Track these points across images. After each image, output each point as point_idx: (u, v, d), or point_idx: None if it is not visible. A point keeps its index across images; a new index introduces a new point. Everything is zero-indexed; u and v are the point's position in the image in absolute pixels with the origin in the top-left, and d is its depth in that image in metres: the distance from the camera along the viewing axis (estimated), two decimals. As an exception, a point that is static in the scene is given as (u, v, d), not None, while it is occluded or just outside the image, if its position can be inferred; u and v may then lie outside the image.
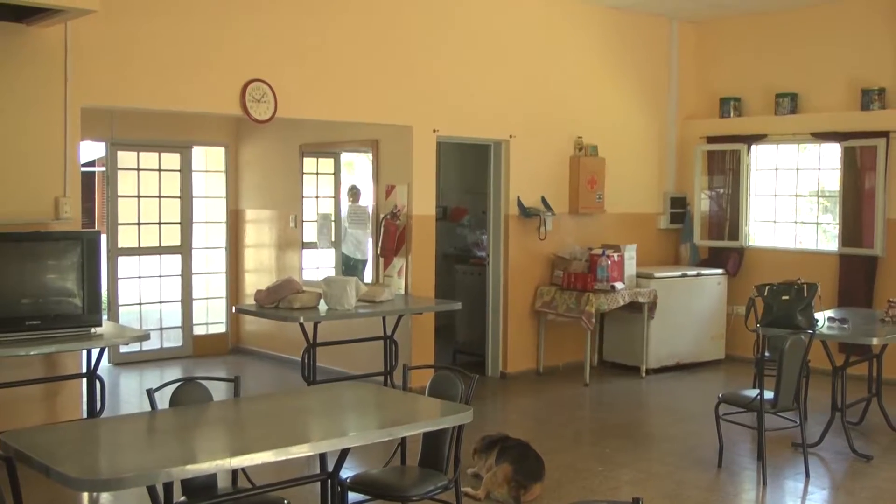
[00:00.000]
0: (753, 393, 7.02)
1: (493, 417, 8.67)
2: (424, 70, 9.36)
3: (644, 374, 10.39)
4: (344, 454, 4.86)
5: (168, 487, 4.14)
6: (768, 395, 6.90)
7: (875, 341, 7.54)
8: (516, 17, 10.11)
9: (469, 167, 11.87)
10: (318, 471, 5.01)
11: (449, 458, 5.07)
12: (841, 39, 10.73)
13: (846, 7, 10.65)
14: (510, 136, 10.07)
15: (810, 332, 7.10)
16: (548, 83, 10.40)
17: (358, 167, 10.79)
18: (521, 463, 6.29)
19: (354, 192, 10.47)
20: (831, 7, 10.76)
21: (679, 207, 11.72)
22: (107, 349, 8.49)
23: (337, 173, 10.79)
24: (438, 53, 9.47)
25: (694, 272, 11.03)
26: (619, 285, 10.04)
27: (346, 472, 5.28)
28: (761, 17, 11.31)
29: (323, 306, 8.16)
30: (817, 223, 11.26)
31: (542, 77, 10.36)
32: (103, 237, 8.89)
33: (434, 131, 9.46)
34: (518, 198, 10.12)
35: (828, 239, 11.05)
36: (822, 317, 7.94)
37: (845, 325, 7.79)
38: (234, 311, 10.38)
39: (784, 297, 7.50)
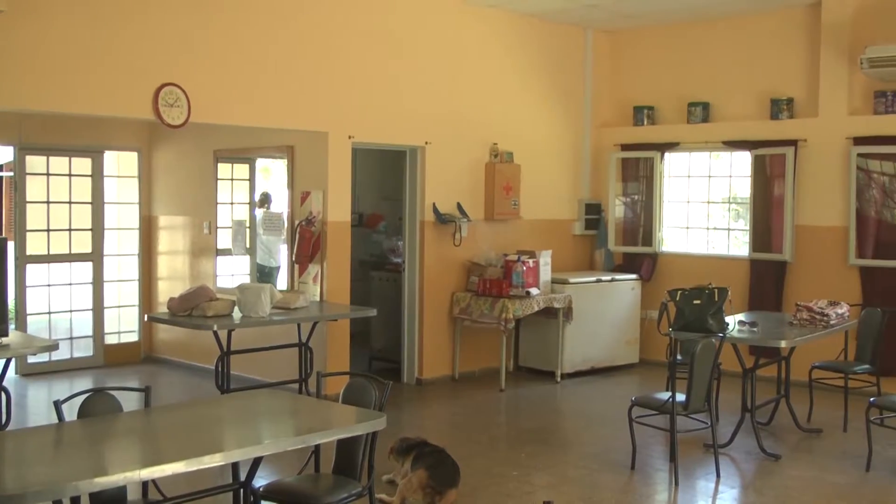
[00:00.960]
0: (666, 396, 7.11)
1: (409, 424, 8.65)
2: (340, 76, 9.31)
3: (559, 379, 10.48)
4: (256, 463, 4.81)
5: (76, 501, 4.05)
6: (680, 397, 7.00)
7: (784, 344, 7.71)
8: (433, 24, 10.14)
9: (385, 173, 11.86)
10: (231, 480, 4.95)
11: (363, 465, 5.05)
12: (751, 51, 10.97)
13: (757, 19, 10.89)
14: (426, 143, 10.08)
15: (721, 335, 7.22)
16: (464, 90, 10.44)
17: (275, 173, 10.70)
18: (437, 469, 6.28)
19: (265, 199, 10.36)
20: (743, 19, 10.99)
21: (594, 214, 11.85)
22: (13, 360, 8.29)
23: (252, 179, 10.68)
24: (355, 59, 9.43)
25: (608, 277, 11.16)
26: (534, 291, 10.11)
27: (260, 481, 5.23)
28: (674, 27, 11.51)
29: (237, 314, 8.07)
30: (729, 229, 11.48)
31: (459, 84, 10.40)
32: (11, 244, 8.68)
33: (349, 137, 9.42)
34: (434, 204, 10.14)
35: (739, 244, 11.27)
36: (733, 320, 8.10)
37: (755, 329, 7.94)
38: (146, 319, 10.21)
39: (695, 302, 7.61)
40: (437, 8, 10.18)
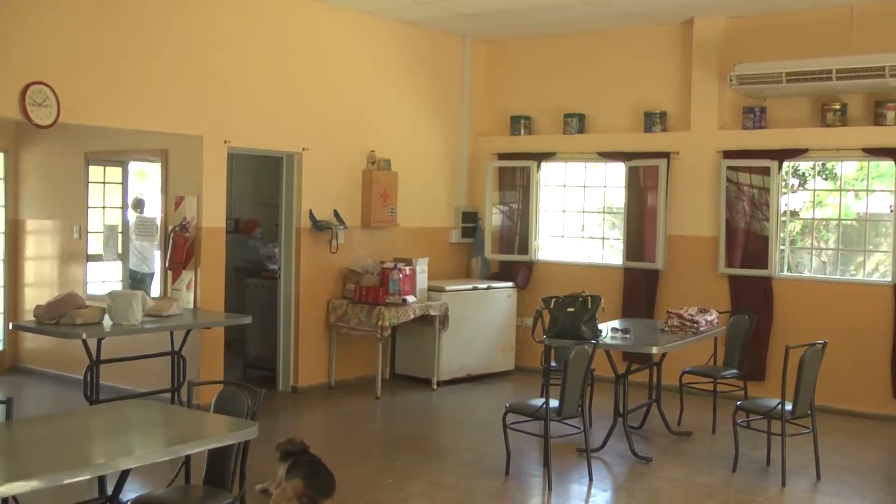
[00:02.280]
0: (539, 402, 7.19)
1: (284, 432, 8.46)
2: (216, 79, 9.17)
3: (435, 387, 10.51)
4: (124, 476, 4.68)
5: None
6: (554, 403, 7.08)
7: (655, 350, 7.88)
8: (310, 31, 10.06)
9: (262, 179, 11.72)
10: (97, 495, 4.81)
11: (234, 475, 4.96)
12: (626, 65, 11.21)
13: (632, 35, 11.14)
14: (303, 149, 10.00)
15: (594, 342, 7.34)
16: (341, 96, 10.39)
17: (151, 176, 10.46)
18: (313, 478, 6.21)
19: (138, 203, 10.12)
20: (618, 34, 11.22)
21: (470, 222, 11.92)
22: None
23: (125, 183, 10.42)
24: (232, 64, 9.30)
25: (484, 285, 11.24)
26: (410, 298, 10.12)
27: (129, 495, 5.10)
28: (552, 39, 11.68)
29: (107, 322, 7.85)
30: (603, 238, 11.69)
31: (336, 90, 10.34)
32: None
33: (225, 142, 9.28)
34: (310, 211, 10.06)
35: (614, 253, 11.48)
36: (606, 327, 8.25)
37: (627, 335, 8.10)
38: (10, 327, 9.86)
39: (569, 309, 7.72)
40: (315, 14, 10.10)
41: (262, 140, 9.68)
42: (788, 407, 7.25)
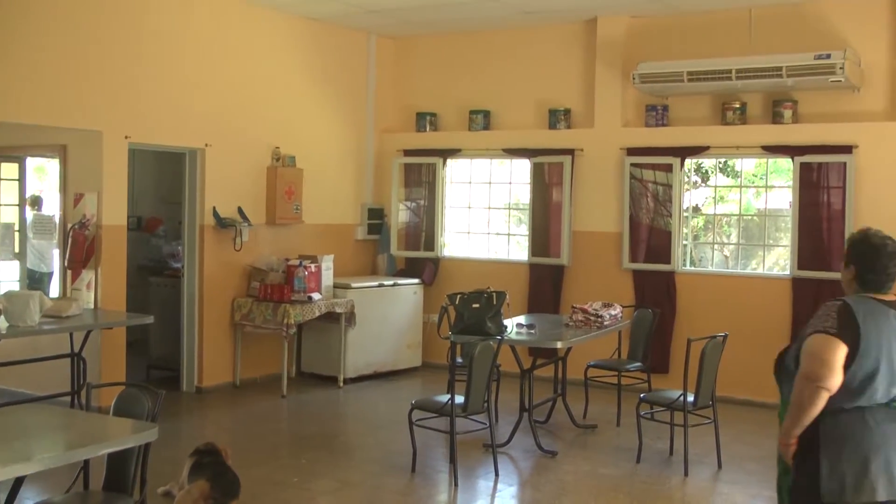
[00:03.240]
0: (445, 398, 7.19)
1: (188, 434, 8.40)
2: (116, 73, 8.95)
3: (342, 384, 10.45)
4: (18, 483, 4.54)
5: None
6: (460, 399, 7.10)
7: (560, 345, 7.95)
8: (213, 24, 9.91)
9: (164, 176, 11.52)
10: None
11: (135, 479, 4.85)
12: (531, 62, 11.29)
13: (537, 32, 11.22)
14: (206, 145, 9.84)
15: (499, 337, 7.37)
16: (245, 92, 10.26)
17: (50, 173, 10.20)
18: (218, 479, 6.10)
19: (36, 200, 9.87)
20: (523, 31, 11.29)
21: (377, 219, 11.89)
22: None
23: (22, 179, 10.15)
24: (132, 56, 9.09)
25: (390, 282, 11.22)
26: (316, 296, 10.05)
27: (27, 502, 4.95)
28: (458, 36, 11.70)
29: (3, 323, 7.60)
30: (509, 234, 11.77)
31: (240, 86, 10.20)
32: None
33: (126, 138, 9.07)
34: (214, 208, 9.91)
35: (520, 249, 11.56)
36: (512, 323, 8.29)
37: (533, 331, 8.17)
38: None
39: (474, 305, 7.75)
40: (218, 8, 9.96)
41: (165, 136, 9.51)
42: (690, 398, 7.39)
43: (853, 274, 4.23)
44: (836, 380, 3.97)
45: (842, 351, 3.97)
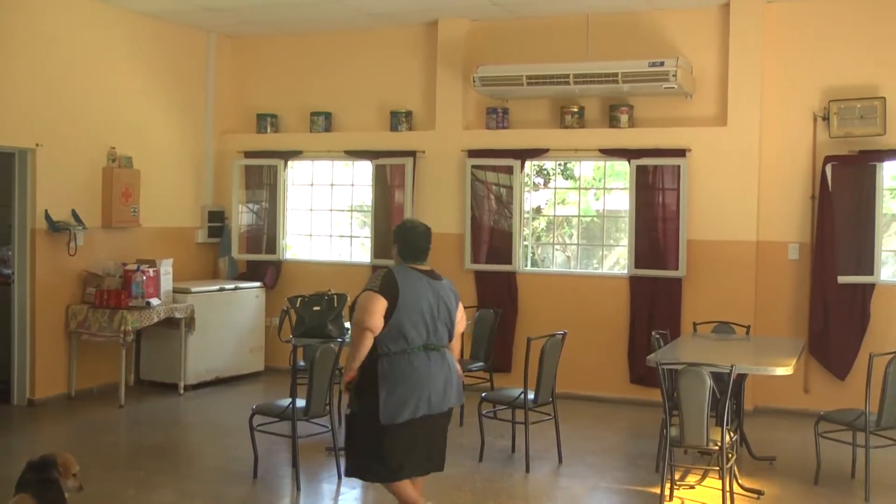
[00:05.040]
0: (287, 402, 7.10)
1: (19, 450, 8.04)
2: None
3: (182, 391, 10.21)
4: None
5: None
6: (302, 403, 7.02)
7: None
8: (44, 18, 9.52)
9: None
10: None
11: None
12: (373, 64, 11.30)
13: (378, 34, 11.23)
14: (37, 145, 9.45)
15: (340, 340, 7.33)
16: (79, 90, 9.90)
17: None
18: (44, 495, 5.87)
19: None
20: (364, 33, 11.28)
21: (217, 221, 11.66)
22: None
23: None
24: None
25: (232, 286, 11.03)
26: (154, 301, 9.80)
27: None
28: (298, 37, 11.60)
29: None
30: (352, 236, 11.73)
31: (73, 83, 9.84)
32: None
33: (-53, 138, 8.67)
34: (46, 211, 9.53)
35: (364, 251, 11.52)
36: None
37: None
38: None
39: (315, 308, 7.71)
40: (49, 1, 9.59)
41: (-10, 135, 9.11)
42: (531, 396, 7.51)
43: (397, 250, 5.75)
44: (376, 323, 5.40)
45: (381, 303, 5.42)
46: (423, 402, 5.49)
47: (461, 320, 5.88)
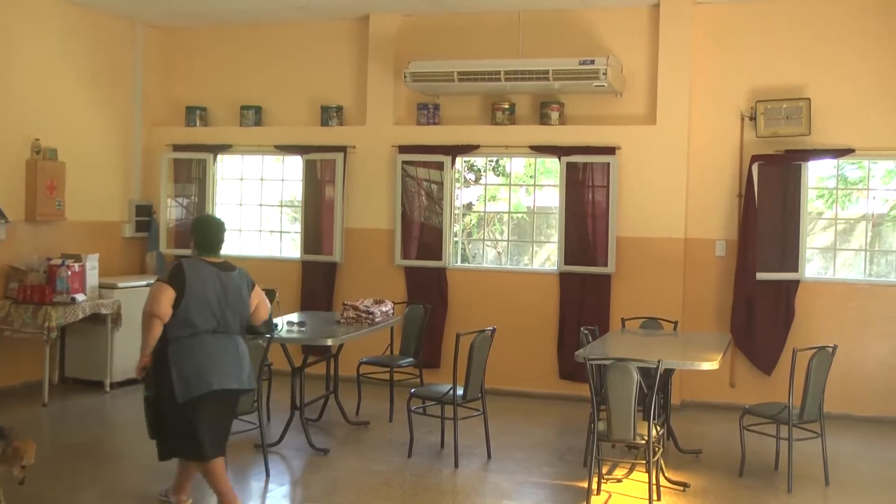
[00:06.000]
0: (215, 399, 7.02)
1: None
2: None
3: (108, 389, 10.05)
4: None
5: None
6: (229, 399, 6.94)
7: (330, 342, 7.91)
8: (-38, 8, 9.32)
9: None
10: None
11: None
12: (304, 58, 11.22)
13: (310, 28, 11.16)
14: (-43, 137, 9.25)
15: (269, 336, 7.26)
16: (1, 80, 9.68)
17: None
18: None
19: None
20: (296, 27, 11.20)
21: (145, 215, 11.48)
22: None
23: None
24: None
25: (160, 281, 10.86)
26: (80, 297, 9.61)
27: None
28: (228, 29, 11.48)
29: None
30: (282, 231, 11.64)
31: (-6, 74, 9.64)
32: None
33: None
34: (-34, 204, 9.34)
35: (294, 246, 11.44)
36: (283, 321, 8.20)
37: (304, 328, 8.10)
38: None
39: (244, 303, 7.60)
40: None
41: None
42: (460, 391, 7.51)
43: (194, 243, 6.18)
44: (163, 311, 5.82)
45: (169, 293, 5.85)
46: (215, 378, 5.89)
47: (259, 305, 6.33)
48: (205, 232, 6.22)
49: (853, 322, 9.56)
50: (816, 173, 10.01)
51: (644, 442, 6.43)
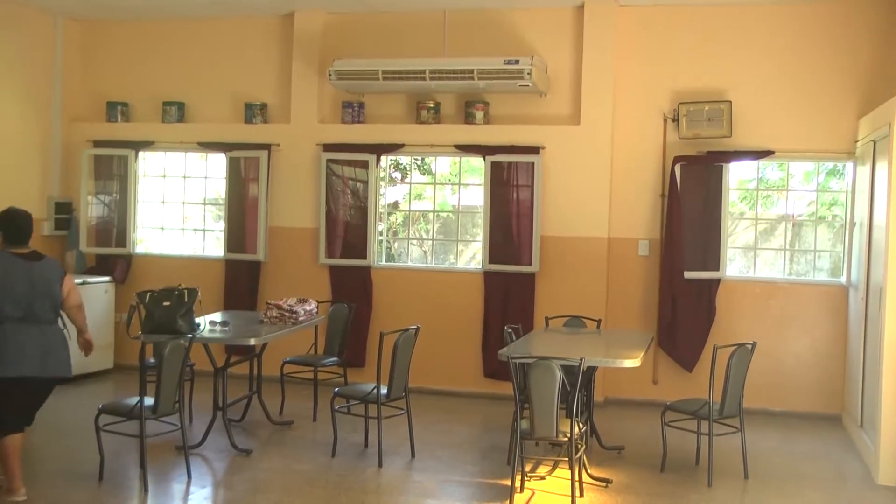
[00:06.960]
0: (135, 400, 6.91)
1: None
2: None
3: (25, 390, 9.82)
4: None
5: None
6: (151, 401, 6.84)
7: (253, 341, 7.80)
8: None
9: None
10: None
11: None
12: (228, 55, 11.10)
13: (234, 24, 11.08)
14: None
15: (191, 336, 7.18)
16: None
17: None
18: None
19: None
20: (219, 22, 11.09)
21: (65, 213, 11.26)
22: None
23: None
24: None
25: (80, 280, 10.61)
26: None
27: None
28: (151, 24, 11.32)
29: None
30: (205, 230, 11.50)
31: None
32: None
33: None
34: None
35: (217, 245, 11.32)
36: (205, 321, 8.10)
37: (226, 328, 8.01)
38: None
39: (165, 303, 7.51)
40: None
41: None
42: (384, 391, 7.50)
43: (2, 237, 6.42)
44: None
45: None
46: (22, 366, 6.21)
47: (69, 293, 6.58)
48: (12, 225, 6.49)
49: (772, 319, 9.75)
50: (738, 175, 10.17)
51: (567, 439, 6.47)
